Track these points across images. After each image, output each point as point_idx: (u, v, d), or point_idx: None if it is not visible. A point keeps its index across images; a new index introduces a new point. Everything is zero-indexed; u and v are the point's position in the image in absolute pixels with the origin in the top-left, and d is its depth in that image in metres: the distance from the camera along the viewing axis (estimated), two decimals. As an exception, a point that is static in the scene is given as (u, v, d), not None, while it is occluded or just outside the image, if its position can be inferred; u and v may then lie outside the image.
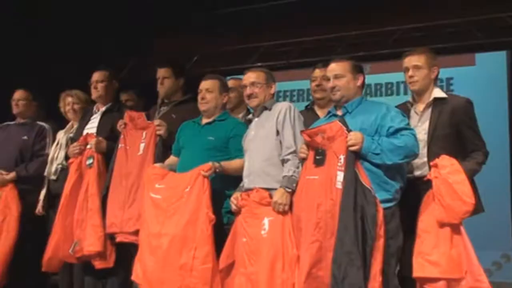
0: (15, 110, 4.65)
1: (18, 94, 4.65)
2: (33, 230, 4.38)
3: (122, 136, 3.88)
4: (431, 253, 2.87)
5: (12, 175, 4.40)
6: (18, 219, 4.26)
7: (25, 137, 4.54)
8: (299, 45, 7.46)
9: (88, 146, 4.01)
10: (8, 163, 4.45)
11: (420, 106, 3.29)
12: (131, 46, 7.81)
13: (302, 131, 3.06)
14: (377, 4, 6.69)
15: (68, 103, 4.51)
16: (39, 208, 4.39)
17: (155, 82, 4.13)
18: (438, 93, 3.27)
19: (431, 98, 3.25)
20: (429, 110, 3.24)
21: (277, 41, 7.52)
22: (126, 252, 3.88)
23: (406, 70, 3.32)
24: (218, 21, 7.57)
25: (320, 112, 3.66)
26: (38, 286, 4.66)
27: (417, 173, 3.15)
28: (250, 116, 3.42)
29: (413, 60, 3.30)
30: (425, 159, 3.12)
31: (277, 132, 3.18)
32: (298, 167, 3.06)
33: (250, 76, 3.36)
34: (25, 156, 4.50)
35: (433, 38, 6.56)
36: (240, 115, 4.02)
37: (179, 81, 4.06)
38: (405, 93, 6.83)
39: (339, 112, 3.11)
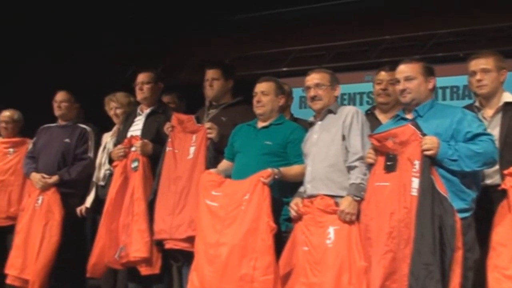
0: (57, 112, 4.55)
1: (61, 96, 4.56)
2: (75, 234, 4.30)
3: (169, 139, 3.77)
4: (508, 267, 2.71)
5: (54, 178, 4.31)
6: (60, 223, 4.17)
7: (67, 140, 4.44)
8: (332, 49, 7.32)
9: (133, 149, 3.91)
10: (50, 166, 4.35)
11: (489, 111, 3.13)
12: (160, 50, 7.77)
13: (370, 136, 2.92)
14: (414, 8, 6.55)
15: (111, 107, 4.42)
16: (81, 208, 4.30)
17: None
18: (508, 97, 3.12)
19: (501, 103, 3.10)
20: (499, 115, 3.08)
21: (309, 45, 7.38)
22: (171, 259, 3.79)
23: (473, 73, 3.17)
24: (248, 24, 7.47)
25: (382, 117, 3.51)
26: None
27: (488, 181, 2.99)
28: (311, 119, 3.29)
29: (481, 63, 3.15)
30: (497, 167, 2.96)
31: (343, 137, 3.05)
32: (365, 174, 2.93)
33: (314, 78, 3.23)
34: (67, 159, 4.41)
35: (472, 43, 6.40)
36: None
37: (228, 82, 3.94)
38: (443, 98, 6.68)
39: (409, 116, 2.96)
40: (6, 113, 4.84)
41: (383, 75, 3.59)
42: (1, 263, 4.38)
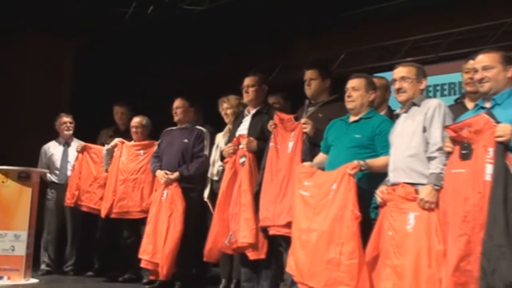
0: (175, 118, 5.13)
1: (176, 103, 5.12)
2: (196, 224, 4.83)
3: (272, 136, 4.13)
4: None
5: (176, 174, 4.88)
6: (182, 214, 4.72)
7: (186, 140, 5.00)
8: (448, 37, 7.18)
9: (241, 146, 4.33)
10: (172, 164, 4.94)
11: None
12: (278, 49, 8.14)
13: (446, 127, 3.01)
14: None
15: (223, 108, 4.90)
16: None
17: (302, 83, 4.31)
18: None
19: None
20: None
21: (424, 34, 7.31)
22: (278, 246, 4.13)
23: None
24: (362, 18, 7.56)
25: (470, 106, 3.55)
26: (200, 276, 5.12)
27: None
28: (398, 110, 3.45)
29: None
30: None
31: (424, 129, 3.16)
32: (445, 164, 3.03)
33: (400, 71, 3.37)
34: (186, 157, 4.96)
35: None
36: (382, 113, 4.06)
37: (325, 82, 4.20)
38: None
39: (488, 105, 3.01)
40: (136, 119, 5.51)
41: (471, 64, 3.59)
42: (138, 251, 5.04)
